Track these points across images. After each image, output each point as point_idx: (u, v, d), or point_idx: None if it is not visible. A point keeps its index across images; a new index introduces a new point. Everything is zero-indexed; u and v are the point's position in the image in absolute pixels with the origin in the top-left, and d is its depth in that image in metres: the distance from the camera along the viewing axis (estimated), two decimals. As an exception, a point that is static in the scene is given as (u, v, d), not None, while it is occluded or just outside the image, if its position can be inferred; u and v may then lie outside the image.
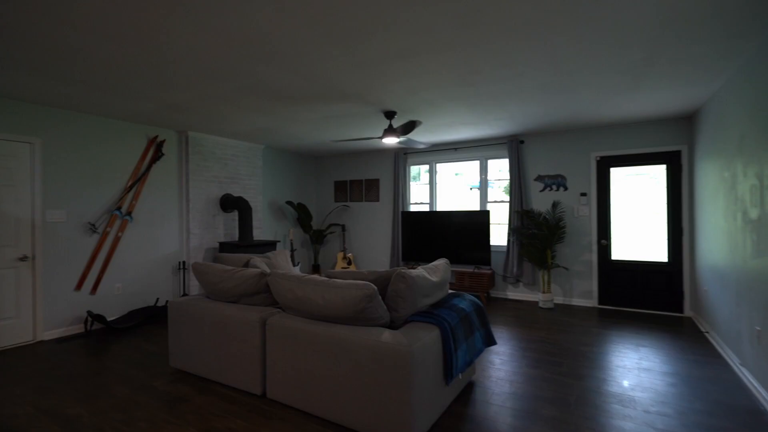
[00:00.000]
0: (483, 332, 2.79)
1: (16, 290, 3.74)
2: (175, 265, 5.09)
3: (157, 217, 4.88)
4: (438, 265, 2.86)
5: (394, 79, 3.17)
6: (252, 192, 6.02)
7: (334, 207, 7.35)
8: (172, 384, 2.87)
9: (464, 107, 4.07)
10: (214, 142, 5.43)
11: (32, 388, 2.83)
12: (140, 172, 4.69)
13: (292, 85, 3.31)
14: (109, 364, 3.28)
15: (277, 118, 4.41)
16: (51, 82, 3.21)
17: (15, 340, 3.73)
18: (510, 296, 5.69)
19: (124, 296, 4.56)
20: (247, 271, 2.77)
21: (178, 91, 3.43)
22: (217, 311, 2.79)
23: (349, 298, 2.22)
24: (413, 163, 6.60)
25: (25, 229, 3.79)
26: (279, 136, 5.47)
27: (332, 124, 4.71)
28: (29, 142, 3.80)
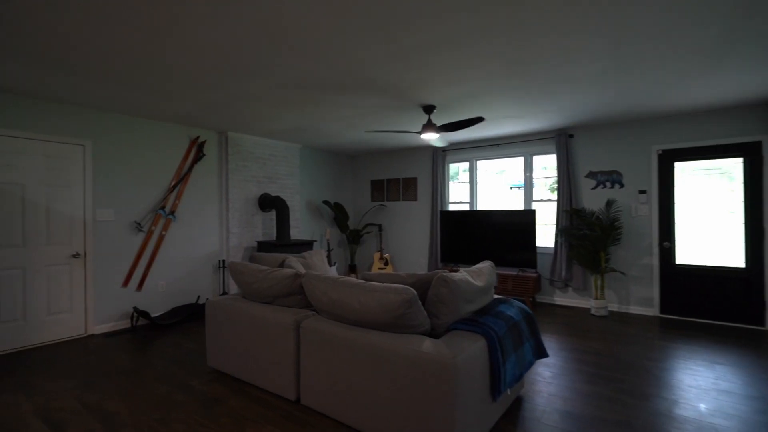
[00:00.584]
0: (533, 343, 2.54)
1: (70, 286, 3.91)
2: (215, 263, 5.17)
3: (198, 216, 4.98)
4: (482, 269, 2.64)
5: (434, 70, 2.98)
6: (289, 191, 6.03)
7: (371, 206, 7.24)
8: (209, 384, 2.85)
9: (509, 99, 3.79)
10: (253, 142, 5.48)
11: (79, 382, 2.91)
12: (183, 172, 4.80)
13: (327, 80, 3.20)
14: (151, 360, 3.33)
15: (312, 115, 4.34)
16: (101, 85, 3.30)
17: (69, 333, 3.90)
18: (558, 302, 5.31)
19: (168, 293, 4.68)
20: (282, 272, 2.69)
21: (213, 90, 3.43)
22: (252, 312, 2.73)
23: (386, 303, 2.06)
24: (452, 161, 6.34)
25: (78, 228, 3.96)
26: (315, 134, 5.42)
27: (369, 120, 4.59)
28: (81, 144, 3.97)
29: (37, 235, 3.70)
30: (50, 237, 3.78)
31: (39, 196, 3.71)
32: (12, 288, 3.56)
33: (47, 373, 3.07)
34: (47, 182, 3.76)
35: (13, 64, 2.83)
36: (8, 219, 3.54)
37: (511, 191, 5.93)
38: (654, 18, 2.25)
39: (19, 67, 2.89)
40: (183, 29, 2.33)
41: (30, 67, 2.90)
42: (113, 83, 3.26)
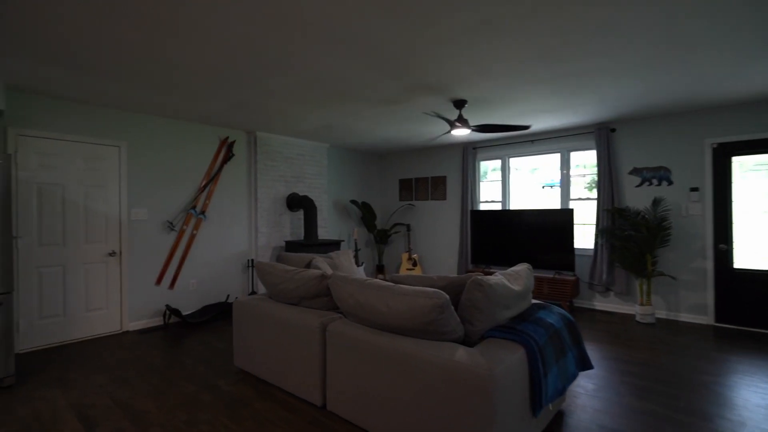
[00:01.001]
0: (576, 353, 2.33)
1: (106, 283, 4.02)
2: (244, 262, 5.21)
3: (228, 215, 5.03)
4: (519, 272, 2.46)
5: (466, 61, 2.82)
6: (317, 191, 6.01)
7: (399, 206, 7.12)
8: (235, 385, 2.82)
9: (546, 91, 3.56)
10: (281, 142, 5.48)
11: (112, 379, 2.96)
12: (213, 172, 4.86)
13: (354, 76, 3.11)
14: (181, 358, 3.36)
15: (340, 113, 4.27)
16: (135, 88, 3.36)
17: (106, 329, 4.02)
18: (598, 307, 4.99)
19: (199, 292, 4.74)
20: (308, 273, 2.61)
21: (241, 88, 3.42)
22: (278, 313, 2.67)
23: (416, 308, 1.93)
24: (483, 159, 6.12)
25: (113, 227, 4.07)
26: (343, 133, 5.36)
27: (397, 117, 4.46)
28: (117, 146, 4.08)
29: (76, 233, 3.83)
30: (88, 236, 3.90)
31: (78, 196, 3.83)
32: (53, 284, 3.69)
33: (84, 369, 3.15)
34: (85, 182, 3.88)
35: (53, 68, 2.91)
36: (50, 218, 3.67)
37: (542, 190, 5.65)
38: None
39: (59, 71, 2.97)
40: (211, 26, 2.29)
41: (68, 71, 2.98)
42: (146, 85, 3.31)
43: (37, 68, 2.94)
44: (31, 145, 3.57)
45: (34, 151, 3.59)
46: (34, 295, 3.59)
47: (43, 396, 2.70)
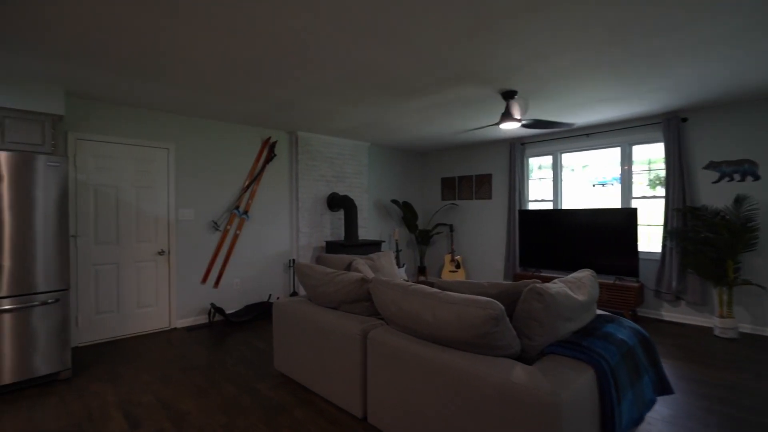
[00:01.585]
0: (653, 375, 2.02)
1: (156, 281, 4.15)
2: (285, 262, 5.22)
3: (270, 215, 5.05)
4: (582, 279, 2.18)
5: (516, 45, 2.56)
6: (357, 190, 5.92)
7: (442, 205, 6.87)
8: (275, 389, 2.75)
9: (607, 77, 3.20)
10: (322, 141, 5.44)
11: (158, 377, 3.00)
12: (255, 172, 4.90)
13: (395, 67, 2.94)
14: (223, 358, 3.36)
15: (381, 109, 4.12)
16: (182, 90, 3.42)
17: (155, 326, 4.15)
18: (666, 317, 4.48)
19: (242, 291, 4.80)
20: (348, 276, 2.48)
21: (283, 86, 3.36)
22: (317, 317, 2.57)
23: (467, 319, 1.73)
24: (533, 155, 5.73)
25: (162, 227, 4.19)
26: (384, 131, 5.22)
27: (441, 112, 4.25)
28: (166, 148, 4.20)
29: (129, 233, 3.97)
30: (139, 235, 4.04)
31: (130, 196, 3.98)
32: (108, 282, 3.85)
33: (133, 365, 3.23)
34: (137, 184, 4.02)
35: (107, 73, 3.00)
36: (105, 218, 3.83)
37: (593, 189, 5.20)
38: None
39: (112, 76, 3.06)
40: (256, 18, 2.22)
41: (121, 77, 3.06)
42: (192, 87, 3.34)
43: (93, 74, 3.04)
44: (88, 148, 3.74)
45: (91, 154, 3.76)
46: (91, 291, 3.76)
47: (94, 390, 2.77)
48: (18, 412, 2.48)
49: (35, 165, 2.86)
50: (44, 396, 2.70)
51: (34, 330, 2.84)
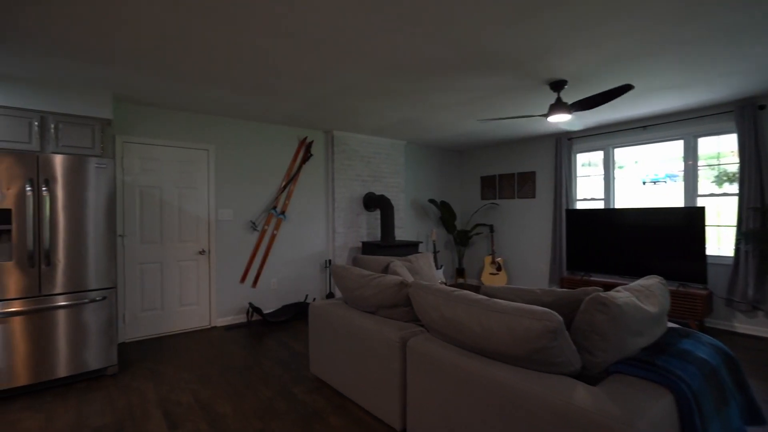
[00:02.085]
0: (741, 401, 1.73)
1: (197, 280, 4.23)
2: (322, 263, 5.18)
3: (306, 216, 5.04)
4: (651, 287, 1.92)
5: (568, 27, 2.33)
6: (394, 190, 5.79)
7: (481, 205, 6.60)
8: (311, 394, 2.68)
9: (674, 60, 2.87)
10: (358, 140, 5.37)
11: (198, 375, 3.02)
12: (292, 172, 4.90)
13: (435, 58, 2.78)
14: (260, 359, 3.34)
15: (419, 104, 3.97)
16: (221, 91, 3.44)
17: (196, 324, 4.23)
18: (739, 329, 3.99)
19: (279, 291, 4.81)
20: (386, 279, 2.35)
21: (319, 83, 3.29)
22: (354, 322, 2.46)
23: (520, 331, 1.54)
24: (581, 150, 5.35)
25: (203, 227, 4.27)
26: (421, 128, 5.06)
27: (482, 106, 4.03)
28: (206, 149, 4.28)
29: (171, 232, 4.07)
30: (181, 235, 4.13)
31: (173, 197, 4.08)
32: (153, 280, 3.97)
33: (174, 362, 3.28)
34: (179, 185, 4.12)
35: (152, 77, 3.06)
36: (150, 218, 3.95)
37: (644, 187, 4.77)
38: None
39: (156, 80, 3.13)
40: (284, 14, 2.15)
41: (164, 79, 3.12)
42: (232, 87, 3.35)
43: (139, 78, 3.12)
44: (134, 150, 3.87)
45: (137, 156, 3.89)
46: (137, 289, 3.88)
47: (137, 387, 2.83)
48: (68, 406, 2.56)
49: (86, 167, 2.96)
50: (92, 391, 2.78)
51: (85, 326, 2.94)
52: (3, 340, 2.65)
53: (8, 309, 2.67)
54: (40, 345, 2.77)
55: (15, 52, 2.59)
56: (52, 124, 3.20)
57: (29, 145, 3.12)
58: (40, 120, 3.16)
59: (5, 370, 2.65)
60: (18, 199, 2.71)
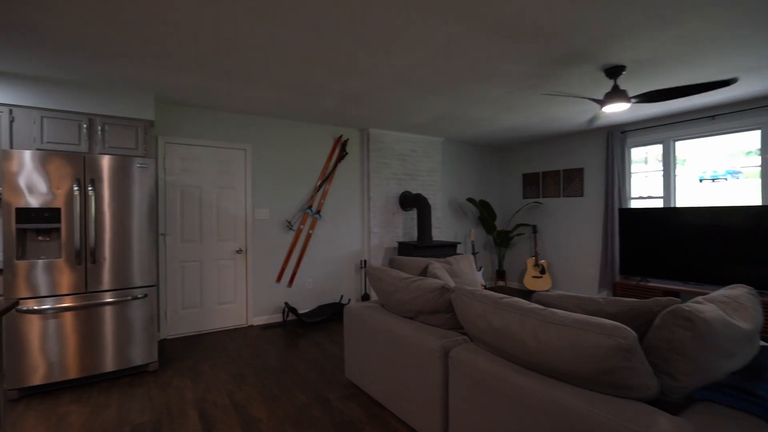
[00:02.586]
0: None
1: (234, 279, 4.27)
2: (357, 263, 5.10)
3: (341, 215, 4.97)
4: (739, 298, 1.64)
5: (629, 3, 2.06)
6: (431, 189, 5.60)
7: (523, 204, 6.27)
8: (345, 401, 2.57)
9: (758, 37, 2.50)
10: (394, 138, 5.23)
11: (234, 375, 3.00)
12: (327, 171, 4.84)
13: (476, 45, 2.59)
14: (295, 361, 3.28)
15: (459, 98, 3.77)
16: (257, 89, 3.43)
17: (234, 322, 4.26)
18: (832, 346, 3.47)
19: (314, 291, 4.77)
20: (426, 283, 2.20)
21: (357, 76, 3.18)
22: (390, 327, 2.32)
23: (586, 348, 1.34)
24: (636, 144, 4.92)
25: (240, 226, 4.29)
26: (460, 124, 4.84)
27: (525, 99, 3.77)
28: (243, 149, 4.30)
29: (210, 232, 4.12)
30: (219, 234, 4.17)
31: (211, 197, 4.13)
32: (193, 278, 4.03)
33: (212, 362, 3.29)
34: (217, 184, 4.16)
35: (192, 77, 3.09)
36: (190, 217, 4.01)
37: (701, 184, 4.30)
38: None
39: (196, 79, 3.15)
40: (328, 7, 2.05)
41: (204, 79, 3.14)
42: (269, 84, 3.32)
43: (180, 78, 3.15)
44: (176, 151, 3.95)
45: (178, 157, 3.96)
46: (178, 287, 3.96)
47: (176, 385, 2.84)
48: (110, 401, 2.60)
49: (130, 167, 3.02)
50: (134, 387, 2.82)
51: (128, 323, 2.99)
52: (54, 335, 2.74)
53: (58, 305, 2.76)
54: (87, 340, 2.84)
55: (60, 55, 2.67)
56: (99, 126, 3.30)
57: (78, 146, 3.23)
58: (88, 122, 3.27)
59: (57, 364, 2.75)
60: (66, 198, 2.79)
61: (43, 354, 2.71)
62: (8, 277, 2.63)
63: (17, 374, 2.64)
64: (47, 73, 3.00)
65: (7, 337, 2.62)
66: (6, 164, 2.62)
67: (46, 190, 2.73)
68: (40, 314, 2.71)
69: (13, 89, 3.03)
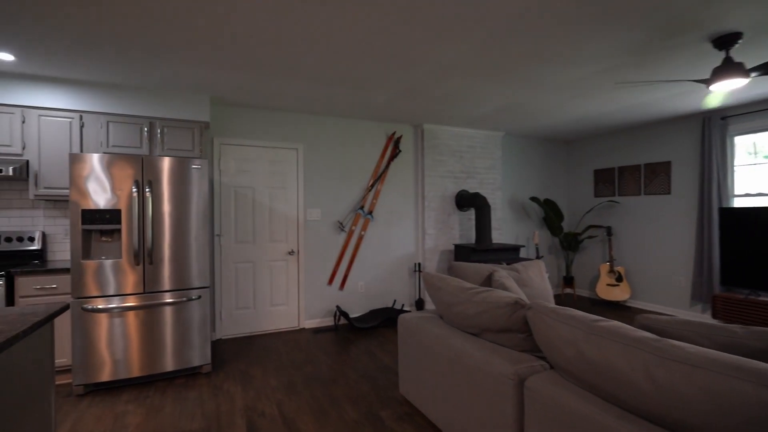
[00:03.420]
0: None
1: (286, 281, 4.21)
2: (410, 266, 4.84)
3: (394, 216, 4.75)
4: None
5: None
6: (489, 187, 5.20)
7: (595, 203, 5.63)
8: (400, 422, 2.32)
9: None
10: (449, 134, 4.91)
11: (284, 383, 2.89)
12: (380, 170, 4.64)
13: (550, 15, 2.22)
14: (346, 370, 3.11)
15: (524, 86, 3.38)
16: (310, 87, 3.31)
17: (285, 325, 4.21)
18: None
19: (366, 294, 4.59)
20: (494, 296, 1.89)
21: (412, 66, 2.94)
22: (452, 345, 2.04)
23: (729, 399, 0.97)
24: (741, 132, 4.15)
25: (292, 227, 4.23)
26: (523, 116, 4.41)
27: (602, 84, 3.28)
28: (295, 148, 4.23)
29: (263, 233, 4.10)
30: (272, 235, 4.14)
31: (264, 197, 4.10)
32: (246, 279, 4.03)
33: (263, 366, 3.22)
34: (269, 185, 4.13)
35: (245, 75, 3.04)
36: (243, 218, 4.01)
37: None
38: None
39: (250, 78, 3.09)
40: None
41: (257, 77, 3.07)
42: (321, 79, 3.19)
43: (233, 77, 3.11)
44: (230, 152, 3.96)
45: (232, 158, 3.97)
46: (232, 287, 3.97)
47: (227, 390, 2.78)
48: (164, 404, 2.59)
49: (186, 169, 3.02)
50: (187, 389, 2.81)
51: (184, 324, 3.00)
52: (115, 334, 2.80)
53: (119, 304, 2.81)
54: (145, 340, 2.88)
55: (122, 59, 2.71)
56: (158, 128, 3.37)
57: (140, 149, 3.32)
58: (149, 125, 3.35)
59: (121, 362, 2.80)
60: (127, 199, 2.84)
61: (107, 352, 2.77)
62: (75, 276, 2.72)
63: (83, 371, 2.72)
64: (112, 78, 3.10)
65: (75, 334, 2.71)
66: (74, 167, 2.71)
67: (109, 191, 2.80)
68: (103, 313, 2.77)
69: (83, 96, 3.16)
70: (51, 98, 3.07)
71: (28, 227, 3.29)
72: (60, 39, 2.41)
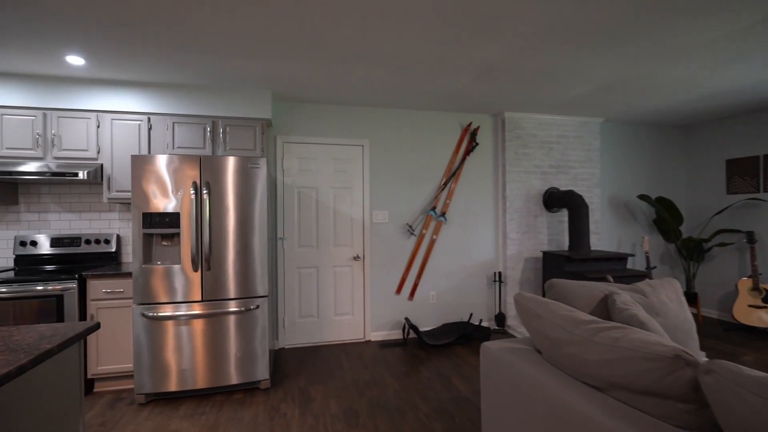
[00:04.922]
0: None
1: (351, 288, 3.89)
2: (489, 275, 4.24)
3: (470, 218, 4.19)
4: None
5: None
6: (585, 184, 4.39)
7: (728, 202, 4.49)
8: (485, 484, 1.82)
9: None
10: (535, 122, 4.22)
11: (345, 411, 2.53)
12: (454, 167, 4.12)
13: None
14: (416, 399, 2.66)
15: (636, 55, 2.63)
16: (375, 73, 2.94)
17: (350, 336, 3.89)
18: None
19: (438, 306, 4.10)
20: (635, 340, 1.29)
21: (491, 40, 2.40)
22: (562, 400, 1.48)
23: None
24: None
25: (357, 230, 3.90)
26: (629, 96, 3.57)
27: (744, 49, 2.41)
28: (360, 145, 3.90)
29: (327, 236, 3.83)
30: (336, 239, 3.85)
31: (328, 198, 3.83)
32: (309, 286, 3.79)
33: (324, 385, 2.91)
34: (333, 185, 3.84)
35: (307, 65, 2.76)
36: (306, 221, 3.78)
37: None
38: None
39: (311, 67, 2.82)
40: None
41: (314, 63, 2.78)
42: (388, 66, 2.80)
43: (294, 67, 2.86)
44: (293, 150, 3.75)
45: (296, 156, 3.76)
46: (295, 294, 3.75)
47: (284, 413, 2.50)
48: (218, 423, 2.38)
49: (247, 169, 2.82)
50: (243, 407, 2.59)
51: (245, 335, 2.79)
52: (174, 343, 2.68)
53: (175, 312, 2.69)
54: (204, 351, 2.72)
55: (184, 56, 2.57)
56: (220, 128, 3.25)
57: (203, 149, 3.22)
58: (212, 125, 3.24)
59: (186, 372, 2.67)
60: (185, 202, 2.71)
61: (168, 361, 2.66)
62: (136, 282, 2.64)
63: (144, 379, 2.63)
64: (176, 78, 3.02)
65: (136, 341, 2.63)
66: (135, 169, 2.64)
67: (169, 193, 2.68)
68: (162, 321, 2.66)
69: (149, 98, 3.14)
70: (122, 101, 3.09)
71: (105, 230, 3.37)
72: (127, 41, 2.31)
